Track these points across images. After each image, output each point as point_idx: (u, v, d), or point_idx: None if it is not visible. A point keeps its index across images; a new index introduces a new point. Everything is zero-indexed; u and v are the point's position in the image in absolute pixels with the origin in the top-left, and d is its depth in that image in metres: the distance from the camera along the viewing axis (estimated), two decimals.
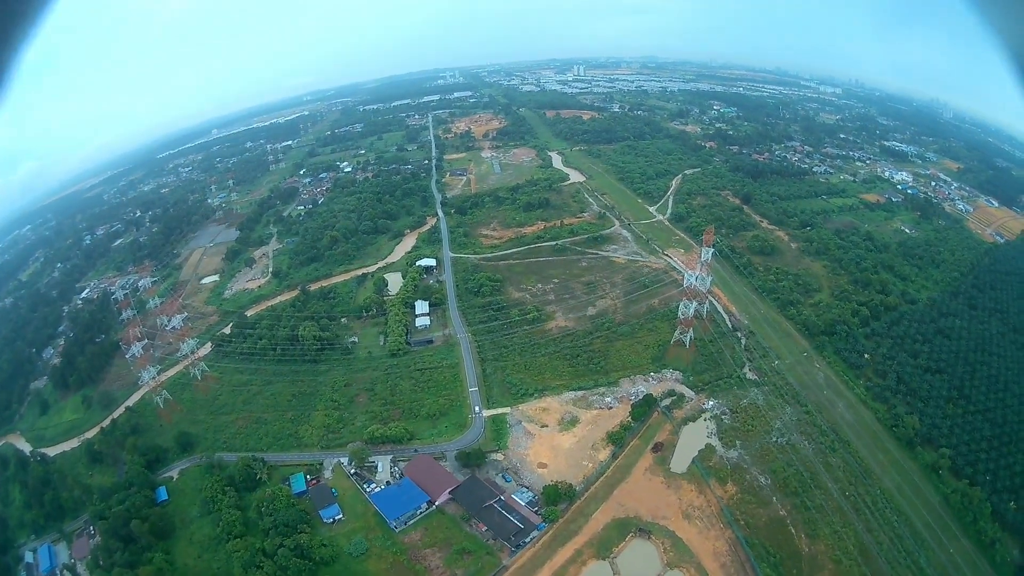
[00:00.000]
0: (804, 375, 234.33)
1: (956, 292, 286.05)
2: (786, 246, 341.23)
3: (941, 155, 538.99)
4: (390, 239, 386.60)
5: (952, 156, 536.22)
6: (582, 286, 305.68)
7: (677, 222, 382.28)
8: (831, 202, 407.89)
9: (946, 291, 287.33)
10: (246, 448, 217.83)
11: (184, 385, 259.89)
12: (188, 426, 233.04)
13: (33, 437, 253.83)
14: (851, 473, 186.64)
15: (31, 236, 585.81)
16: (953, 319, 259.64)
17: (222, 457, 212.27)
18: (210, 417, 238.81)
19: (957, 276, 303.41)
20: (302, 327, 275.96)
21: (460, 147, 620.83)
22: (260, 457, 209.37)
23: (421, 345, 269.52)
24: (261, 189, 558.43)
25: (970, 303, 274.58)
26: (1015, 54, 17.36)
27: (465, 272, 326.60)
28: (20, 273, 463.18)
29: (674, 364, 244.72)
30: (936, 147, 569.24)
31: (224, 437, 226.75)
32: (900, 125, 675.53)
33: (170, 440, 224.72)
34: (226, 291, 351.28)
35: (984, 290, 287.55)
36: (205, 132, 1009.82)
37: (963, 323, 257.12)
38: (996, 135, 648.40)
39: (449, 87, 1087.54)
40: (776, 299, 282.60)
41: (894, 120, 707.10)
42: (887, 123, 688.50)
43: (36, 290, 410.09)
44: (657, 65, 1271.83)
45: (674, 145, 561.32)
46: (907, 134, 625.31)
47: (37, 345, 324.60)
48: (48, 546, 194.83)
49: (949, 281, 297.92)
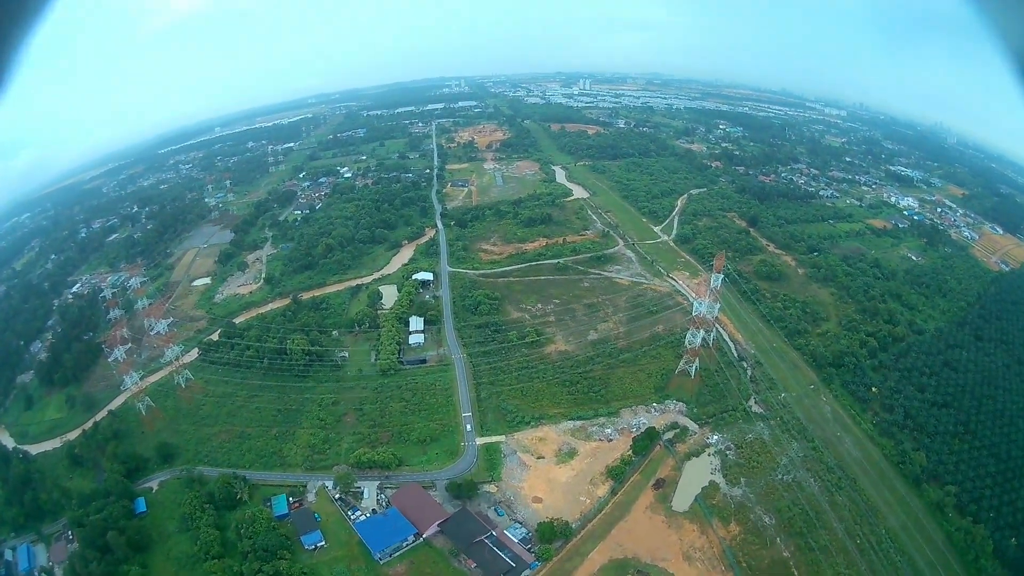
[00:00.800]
0: (811, 409, 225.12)
1: (963, 322, 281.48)
2: (793, 272, 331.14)
3: (946, 180, 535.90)
4: (387, 250, 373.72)
5: (957, 182, 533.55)
6: (584, 308, 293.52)
7: (682, 244, 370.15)
8: (838, 227, 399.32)
9: (953, 321, 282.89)
10: (228, 463, 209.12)
11: (168, 392, 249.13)
12: (170, 436, 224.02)
13: (17, 432, 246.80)
14: (857, 512, 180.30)
15: (29, 224, 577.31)
16: (960, 351, 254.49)
17: (203, 472, 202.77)
18: (193, 428, 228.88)
19: (964, 306, 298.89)
20: (291, 340, 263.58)
21: (463, 157, 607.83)
22: (242, 475, 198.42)
23: (414, 364, 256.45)
24: (259, 191, 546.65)
25: (976, 334, 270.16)
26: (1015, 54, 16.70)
27: (463, 288, 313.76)
28: (15, 261, 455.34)
29: (678, 395, 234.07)
30: (941, 172, 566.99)
31: (206, 450, 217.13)
32: (905, 149, 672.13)
33: (151, 449, 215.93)
34: (217, 295, 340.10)
35: (990, 320, 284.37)
36: (208, 130, 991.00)
37: (969, 355, 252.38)
38: (999, 161, 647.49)
39: (454, 96, 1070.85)
40: (784, 327, 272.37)
41: (899, 144, 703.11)
42: (892, 147, 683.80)
43: (28, 281, 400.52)
44: (662, 82, 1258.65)
45: (680, 164, 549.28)
46: (912, 159, 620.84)
47: (26, 337, 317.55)
48: (28, 546, 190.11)
49: (956, 311, 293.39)
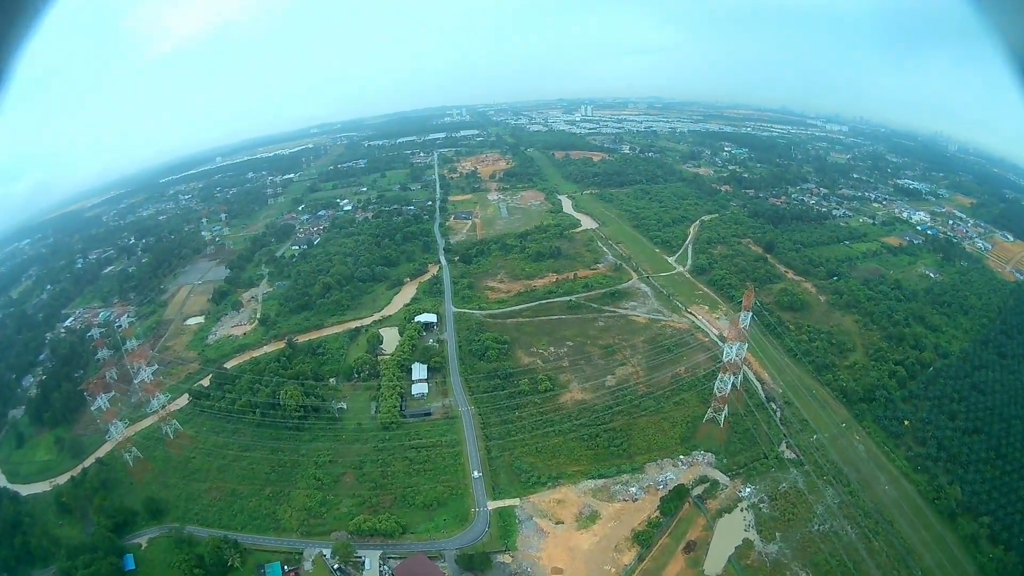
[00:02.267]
0: (845, 449, 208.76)
1: (986, 340, 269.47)
2: (815, 299, 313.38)
3: (953, 191, 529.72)
4: (388, 288, 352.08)
5: (963, 191, 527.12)
6: (599, 350, 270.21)
7: (699, 274, 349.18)
8: (854, 248, 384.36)
9: (976, 340, 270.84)
10: (219, 523, 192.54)
11: (156, 441, 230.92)
12: (159, 489, 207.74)
13: (8, 471, 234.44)
14: (895, 556, 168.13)
15: (28, 251, 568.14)
16: (986, 371, 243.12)
17: (192, 533, 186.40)
18: (182, 482, 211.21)
19: (985, 322, 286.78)
20: (285, 390, 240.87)
21: (465, 188, 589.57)
22: (233, 539, 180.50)
23: (417, 417, 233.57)
24: (257, 224, 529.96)
25: (999, 352, 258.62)
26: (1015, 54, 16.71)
27: (469, 331, 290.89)
28: (12, 289, 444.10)
29: (705, 444, 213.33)
30: (947, 183, 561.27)
31: (196, 508, 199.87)
32: (909, 162, 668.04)
33: (139, 502, 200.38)
34: (210, 336, 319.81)
35: (1012, 335, 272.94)
36: (209, 159, 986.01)
37: (995, 375, 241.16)
38: (1001, 165, 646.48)
39: (455, 125, 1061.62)
40: (810, 362, 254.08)
41: (902, 156, 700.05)
42: (896, 160, 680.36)
43: (23, 311, 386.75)
44: (664, 105, 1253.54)
45: (689, 189, 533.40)
46: (917, 171, 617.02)
47: (18, 371, 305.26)
48: None
49: (979, 328, 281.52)
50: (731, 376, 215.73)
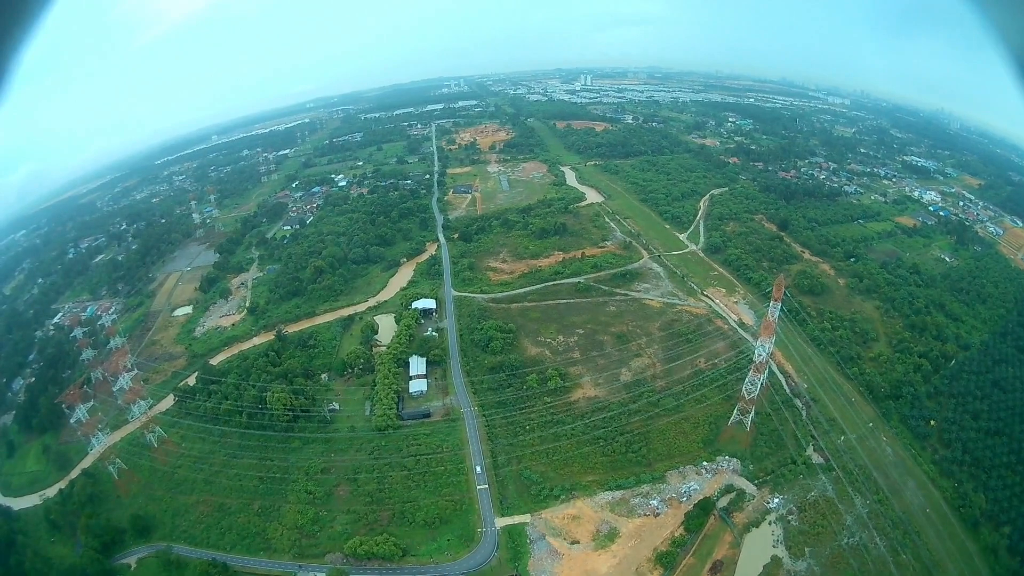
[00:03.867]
0: (873, 452, 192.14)
1: (1005, 332, 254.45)
2: (834, 282, 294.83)
3: (960, 170, 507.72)
4: (383, 270, 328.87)
5: (970, 171, 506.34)
6: (612, 339, 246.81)
7: (713, 253, 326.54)
8: (869, 227, 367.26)
9: (996, 332, 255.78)
10: (208, 543, 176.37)
11: (142, 448, 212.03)
12: (145, 503, 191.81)
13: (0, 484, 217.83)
14: (922, 569, 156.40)
15: (23, 243, 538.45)
16: (1006, 367, 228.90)
17: (181, 554, 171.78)
18: (169, 495, 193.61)
19: (1003, 313, 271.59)
20: (272, 390, 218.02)
21: (464, 160, 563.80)
22: (222, 561, 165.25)
23: (415, 419, 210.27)
24: (250, 203, 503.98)
25: (1018, 345, 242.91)
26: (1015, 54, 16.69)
27: (470, 318, 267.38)
28: (5, 285, 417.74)
29: (730, 449, 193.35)
30: (953, 161, 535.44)
31: (184, 524, 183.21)
32: (914, 138, 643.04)
33: (126, 519, 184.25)
34: (198, 328, 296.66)
35: None
36: (205, 138, 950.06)
37: (1015, 371, 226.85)
38: (1003, 145, 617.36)
39: (453, 96, 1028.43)
40: (833, 353, 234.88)
41: (907, 132, 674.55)
42: (901, 136, 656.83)
43: (14, 308, 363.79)
44: (663, 75, 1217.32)
45: (696, 161, 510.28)
46: (923, 148, 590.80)
47: (8, 374, 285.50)
48: None
49: (997, 319, 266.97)
50: (761, 376, 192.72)
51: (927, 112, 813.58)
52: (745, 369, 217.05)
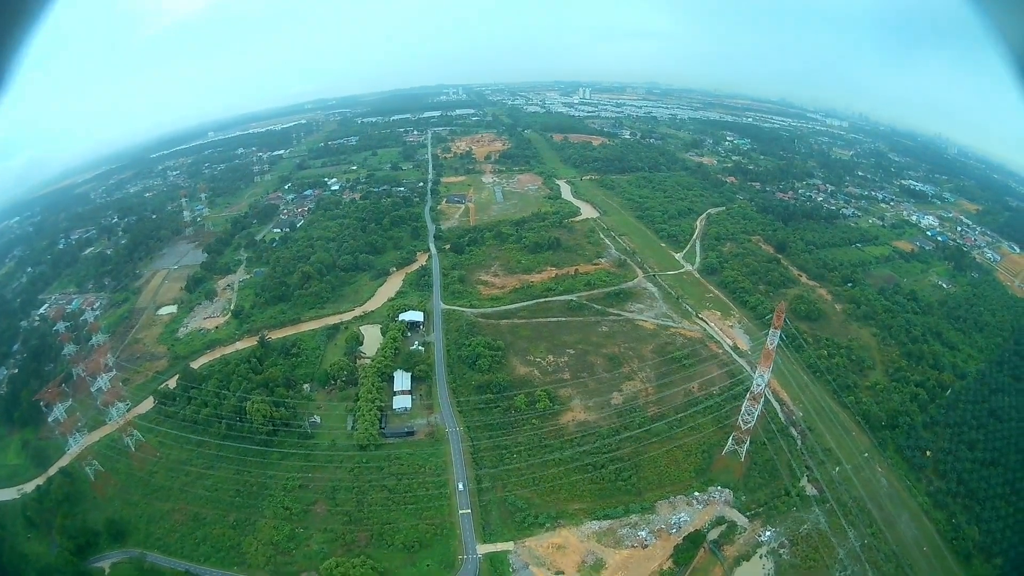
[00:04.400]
0: (867, 483, 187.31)
1: (1001, 361, 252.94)
2: (831, 308, 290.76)
3: (957, 195, 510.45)
4: (372, 279, 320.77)
5: (968, 196, 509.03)
6: (604, 360, 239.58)
7: (708, 275, 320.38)
8: (866, 251, 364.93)
9: (992, 360, 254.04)
10: (181, 553, 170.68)
11: (119, 451, 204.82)
12: (121, 507, 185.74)
13: None
14: None
15: (16, 230, 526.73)
16: (1002, 396, 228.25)
17: (154, 562, 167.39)
18: (144, 500, 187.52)
19: (999, 341, 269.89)
20: (252, 400, 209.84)
21: (459, 169, 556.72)
22: (195, 573, 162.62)
23: (398, 436, 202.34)
24: (241, 203, 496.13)
25: (1014, 374, 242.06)
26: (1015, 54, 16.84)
27: (459, 333, 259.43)
28: None
29: (723, 479, 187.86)
30: (951, 186, 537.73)
31: (159, 532, 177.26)
32: (912, 162, 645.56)
33: (101, 522, 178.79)
34: (181, 328, 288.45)
35: None
36: (201, 134, 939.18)
37: (1011, 400, 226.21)
38: (1000, 171, 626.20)
39: (451, 104, 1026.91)
40: (830, 381, 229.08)
41: (905, 156, 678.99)
42: (899, 160, 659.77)
43: (1, 296, 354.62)
44: (662, 91, 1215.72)
45: (693, 179, 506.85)
46: (921, 172, 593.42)
47: None
48: None
49: (993, 348, 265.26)
50: (758, 406, 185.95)
51: (925, 137, 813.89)
52: (740, 396, 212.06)
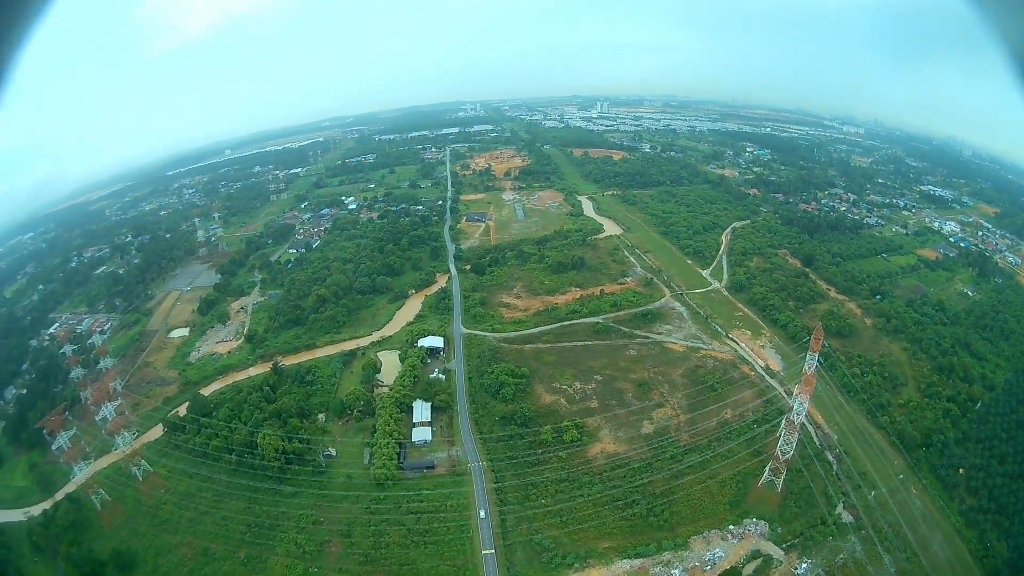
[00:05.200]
0: (902, 507, 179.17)
1: None
2: (861, 323, 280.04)
3: (976, 199, 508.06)
4: (390, 301, 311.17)
5: (986, 199, 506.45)
6: (632, 387, 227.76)
7: (737, 292, 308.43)
8: (892, 261, 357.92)
9: (1018, 369, 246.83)
10: None
11: (126, 480, 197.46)
12: (128, 537, 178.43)
13: None
14: None
15: (29, 246, 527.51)
16: None
17: None
18: (152, 531, 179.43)
19: None
20: (263, 432, 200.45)
21: (479, 186, 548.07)
22: None
23: (418, 471, 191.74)
24: (257, 222, 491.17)
25: None
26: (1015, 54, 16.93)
27: (480, 359, 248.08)
28: (7, 287, 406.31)
29: (758, 510, 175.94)
30: (968, 190, 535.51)
31: (166, 566, 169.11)
32: (929, 167, 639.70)
33: (108, 552, 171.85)
34: (193, 352, 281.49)
35: None
36: (218, 152, 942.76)
37: None
38: (1015, 171, 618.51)
39: (469, 120, 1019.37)
40: (863, 401, 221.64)
41: (921, 161, 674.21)
42: (916, 165, 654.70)
43: (12, 314, 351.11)
44: (679, 104, 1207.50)
45: (716, 192, 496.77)
46: (938, 176, 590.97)
47: (0, 382, 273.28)
48: None
49: (1019, 356, 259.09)
50: (796, 435, 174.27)
51: (939, 140, 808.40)
52: (774, 421, 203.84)
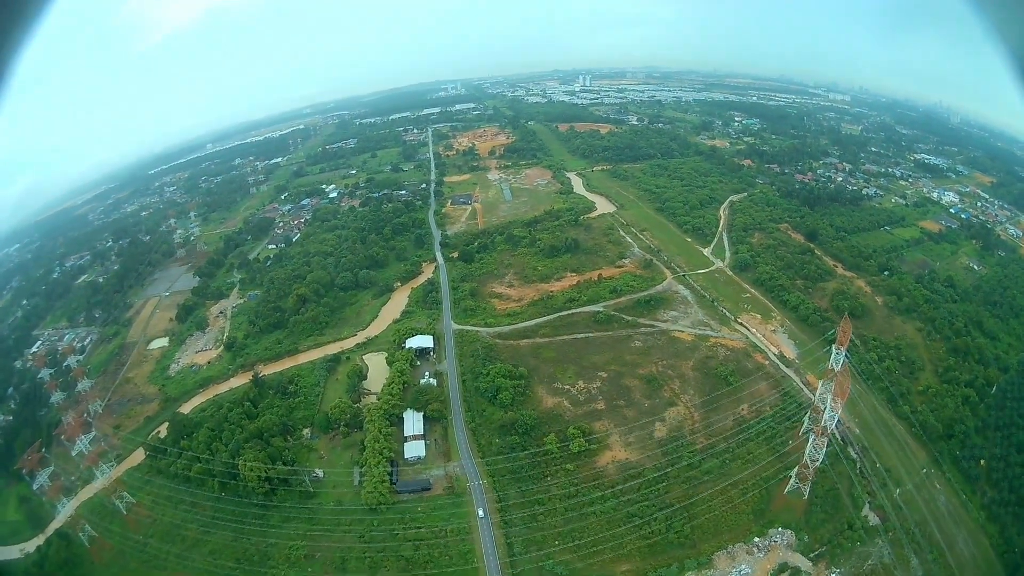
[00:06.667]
0: (927, 504, 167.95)
1: None
2: (872, 301, 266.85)
3: (971, 167, 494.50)
4: (374, 296, 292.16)
5: (980, 168, 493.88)
6: (641, 383, 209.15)
7: (741, 271, 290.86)
8: (896, 234, 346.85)
9: None
10: None
11: (113, 514, 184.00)
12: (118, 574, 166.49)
13: None
14: None
15: (15, 258, 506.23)
16: None
17: None
18: (143, 568, 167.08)
19: None
20: (244, 456, 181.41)
21: (463, 167, 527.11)
22: None
23: (412, 491, 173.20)
24: (236, 218, 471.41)
25: None
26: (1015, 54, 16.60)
27: (474, 358, 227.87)
28: None
29: (784, 518, 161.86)
30: (962, 158, 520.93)
31: None
32: (920, 134, 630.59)
33: None
34: (173, 364, 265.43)
35: None
36: (200, 146, 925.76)
37: None
38: (1003, 138, 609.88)
39: (450, 99, 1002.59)
40: (883, 388, 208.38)
41: (911, 128, 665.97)
42: (907, 132, 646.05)
43: None
44: (662, 75, 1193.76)
45: (709, 164, 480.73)
46: (930, 144, 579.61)
47: None
48: None
49: None
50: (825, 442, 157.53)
51: (925, 106, 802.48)
52: (793, 416, 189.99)
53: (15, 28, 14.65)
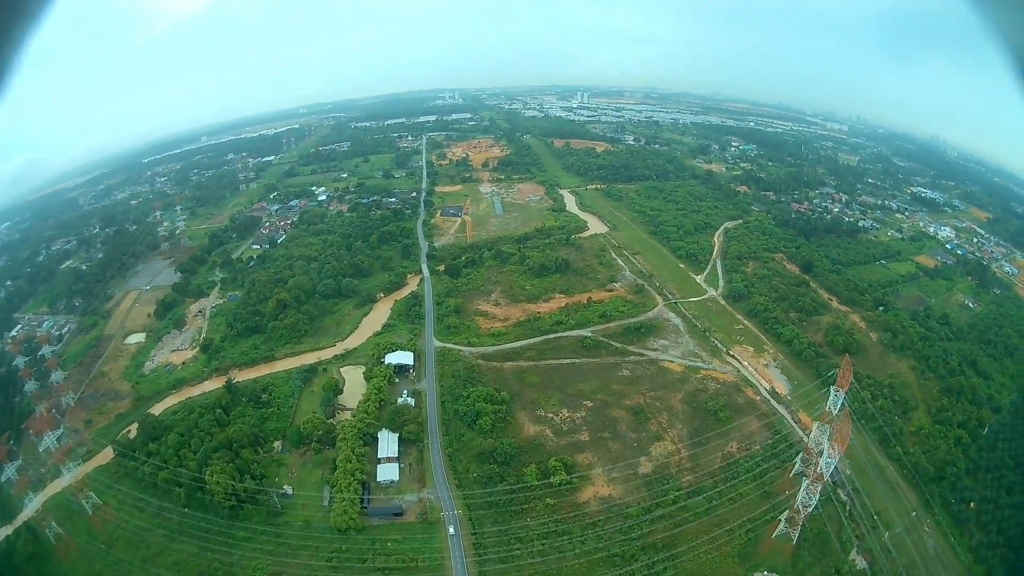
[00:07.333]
0: (916, 547, 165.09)
1: None
2: (866, 338, 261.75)
3: (967, 202, 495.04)
4: (356, 306, 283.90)
5: (976, 203, 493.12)
6: (628, 415, 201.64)
7: (735, 301, 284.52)
8: (891, 268, 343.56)
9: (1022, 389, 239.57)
10: None
11: (79, 513, 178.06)
12: None
13: None
14: None
15: (4, 237, 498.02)
16: None
17: None
18: (107, 569, 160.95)
19: None
20: (212, 467, 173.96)
21: (455, 177, 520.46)
22: None
23: (384, 517, 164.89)
24: (223, 214, 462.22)
25: None
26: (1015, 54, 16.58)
27: (455, 379, 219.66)
28: None
29: (770, 562, 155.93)
30: (959, 192, 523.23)
31: None
32: (917, 167, 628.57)
33: None
34: (148, 362, 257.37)
35: None
36: (195, 139, 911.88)
37: None
38: (1000, 174, 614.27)
39: (447, 108, 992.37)
40: (876, 429, 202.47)
41: (908, 161, 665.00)
42: (904, 165, 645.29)
43: None
44: (660, 96, 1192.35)
45: (705, 189, 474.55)
46: (927, 178, 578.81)
47: None
48: None
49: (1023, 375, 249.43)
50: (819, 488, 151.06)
51: (923, 139, 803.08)
52: (783, 455, 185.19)
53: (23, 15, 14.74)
